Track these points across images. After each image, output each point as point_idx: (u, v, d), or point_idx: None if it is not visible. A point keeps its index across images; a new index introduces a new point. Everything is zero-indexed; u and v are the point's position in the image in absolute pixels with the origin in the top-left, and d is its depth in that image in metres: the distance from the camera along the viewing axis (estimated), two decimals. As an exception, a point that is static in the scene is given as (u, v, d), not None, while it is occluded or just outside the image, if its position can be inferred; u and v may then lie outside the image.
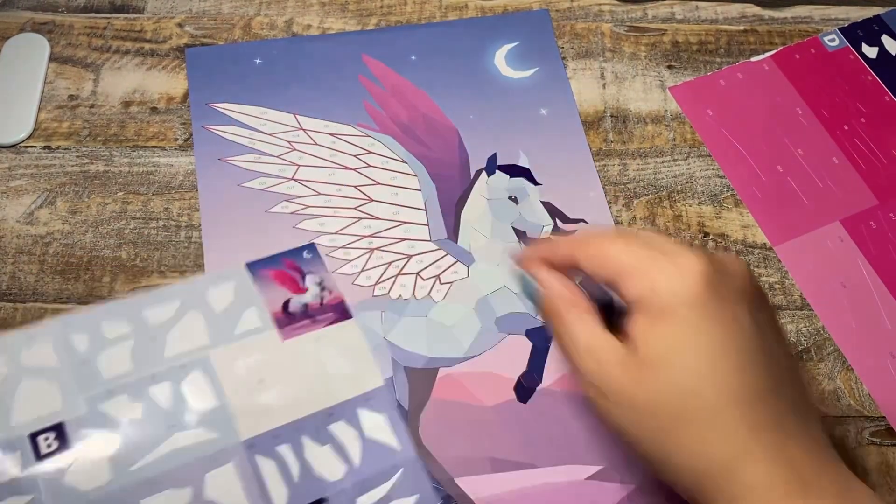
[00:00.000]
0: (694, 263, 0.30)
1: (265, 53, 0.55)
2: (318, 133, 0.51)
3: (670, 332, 0.30)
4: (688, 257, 0.30)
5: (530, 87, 0.54)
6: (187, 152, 0.51)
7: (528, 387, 0.44)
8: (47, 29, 0.56)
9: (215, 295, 0.44)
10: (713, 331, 0.30)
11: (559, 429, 0.43)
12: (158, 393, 0.41)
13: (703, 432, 0.29)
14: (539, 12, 0.57)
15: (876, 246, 0.49)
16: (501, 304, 0.46)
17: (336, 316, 0.45)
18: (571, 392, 0.43)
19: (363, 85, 0.53)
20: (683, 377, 0.29)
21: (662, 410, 0.30)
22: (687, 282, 0.30)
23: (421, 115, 0.52)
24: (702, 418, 0.29)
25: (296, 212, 0.49)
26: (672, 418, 0.30)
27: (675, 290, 0.30)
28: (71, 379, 0.41)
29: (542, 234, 0.48)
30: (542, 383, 0.44)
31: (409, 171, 0.50)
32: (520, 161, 0.51)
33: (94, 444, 0.39)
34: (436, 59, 0.54)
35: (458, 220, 0.49)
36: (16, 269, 0.48)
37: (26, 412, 0.40)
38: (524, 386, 0.44)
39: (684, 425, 0.29)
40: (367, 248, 0.48)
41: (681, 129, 0.53)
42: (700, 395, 0.29)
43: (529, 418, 0.43)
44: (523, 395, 0.44)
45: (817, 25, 0.58)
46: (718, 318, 0.30)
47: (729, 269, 0.31)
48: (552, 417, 0.43)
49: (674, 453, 0.30)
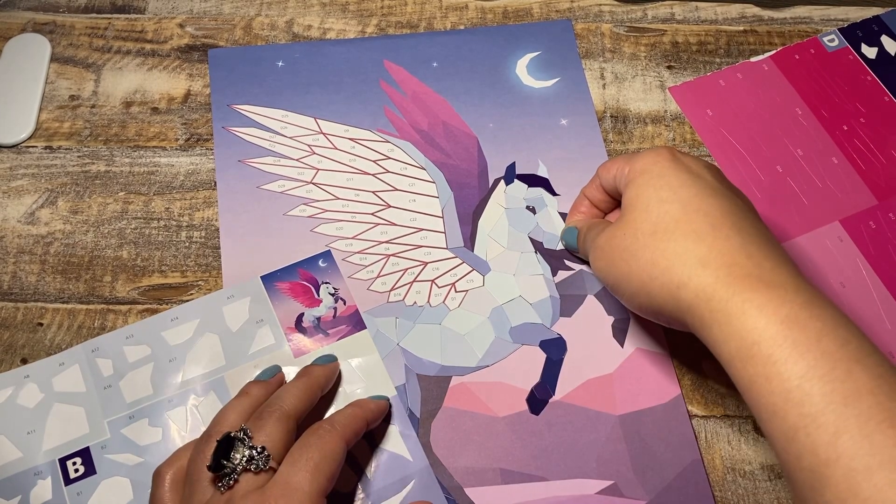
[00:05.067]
0: (661, 148, 0.40)
1: (287, 56, 0.55)
2: (337, 137, 0.52)
3: (642, 182, 0.38)
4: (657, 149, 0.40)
5: (551, 97, 0.54)
6: (188, 152, 0.51)
7: (541, 398, 0.44)
8: (48, 29, 0.56)
9: (231, 312, 0.45)
10: (678, 175, 0.38)
11: (570, 442, 0.43)
12: (176, 416, 0.42)
13: (677, 239, 0.35)
14: (562, 22, 0.57)
15: (875, 246, 0.49)
16: (516, 314, 0.46)
17: (349, 328, 0.45)
18: (584, 406, 0.44)
19: (384, 90, 0.54)
20: (654, 204, 0.37)
21: (641, 231, 0.37)
22: (654, 154, 0.39)
23: (441, 122, 0.52)
24: (672, 229, 0.36)
25: (313, 215, 0.49)
26: (648, 235, 0.36)
27: (645, 161, 0.39)
28: (96, 403, 0.42)
29: (558, 246, 0.48)
30: (555, 396, 0.44)
31: (427, 177, 0.50)
32: (539, 171, 0.51)
33: (117, 467, 0.41)
34: (457, 66, 0.54)
35: (475, 228, 0.49)
36: (17, 268, 0.48)
37: (56, 437, 0.41)
38: (537, 397, 0.44)
39: (660, 237, 0.36)
40: (383, 254, 0.48)
41: (680, 130, 0.53)
42: (668, 213, 0.36)
43: (541, 430, 0.43)
44: (536, 407, 0.44)
45: (817, 26, 0.58)
46: (682, 170, 0.38)
47: (692, 155, 0.40)
48: (564, 430, 0.43)
49: (656, 271, 0.36)
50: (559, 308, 0.46)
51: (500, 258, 0.48)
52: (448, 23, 0.57)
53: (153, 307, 0.46)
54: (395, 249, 0.48)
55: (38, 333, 0.45)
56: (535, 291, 0.47)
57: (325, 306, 0.46)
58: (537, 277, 0.47)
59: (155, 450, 0.41)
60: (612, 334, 0.46)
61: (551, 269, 0.48)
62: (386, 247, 0.48)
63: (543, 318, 0.46)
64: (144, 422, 0.42)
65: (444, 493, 0.41)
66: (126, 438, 0.41)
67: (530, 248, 0.48)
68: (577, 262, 0.48)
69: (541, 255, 0.48)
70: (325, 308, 0.46)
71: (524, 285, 0.47)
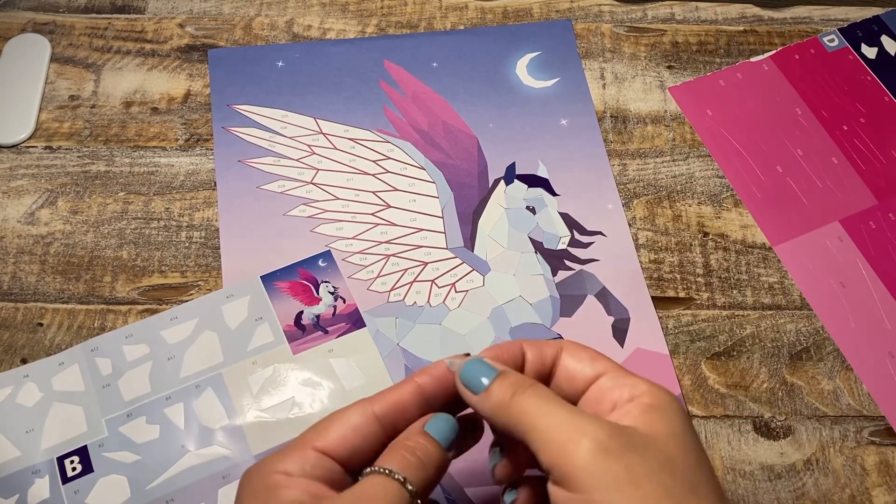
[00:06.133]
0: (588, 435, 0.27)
1: (287, 56, 0.55)
2: (337, 137, 0.52)
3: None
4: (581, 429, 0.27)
5: (551, 97, 0.54)
6: (188, 152, 0.51)
7: None
8: (48, 29, 0.56)
9: (230, 311, 0.45)
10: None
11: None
12: (174, 413, 0.42)
13: None
14: (562, 22, 0.57)
15: (875, 246, 0.49)
16: (516, 314, 0.46)
17: (349, 325, 0.45)
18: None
19: (384, 90, 0.54)
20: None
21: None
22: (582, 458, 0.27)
23: (441, 122, 0.52)
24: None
25: (313, 215, 0.49)
26: None
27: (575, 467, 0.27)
28: (95, 402, 0.43)
29: (558, 245, 0.48)
30: (555, 395, 0.44)
31: (427, 177, 0.50)
32: (539, 171, 0.51)
33: (114, 465, 0.41)
34: (457, 66, 0.54)
35: (475, 228, 0.49)
36: (17, 268, 0.48)
37: (55, 436, 0.42)
38: None
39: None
40: (383, 254, 0.48)
41: (680, 130, 0.53)
42: None
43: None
44: None
45: (817, 26, 0.58)
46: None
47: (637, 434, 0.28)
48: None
49: None
50: (559, 308, 0.46)
51: (500, 258, 0.48)
52: (448, 23, 0.57)
53: (153, 307, 0.46)
54: (395, 249, 0.48)
55: (38, 333, 0.45)
56: (535, 291, 0.47)
57: (324, 304, 0.46)
58: (537, 277, 0.47)
59: (152, 447, 0.41)
60: (612, 334, 0.46)
61: (551, 269, 0.48)
62: (386, 247, 0.48)
63: (543, 318, 0.46)
64: (142, 420, 0.42)
65: (444, 493, 0.41)
66: (123, 436, 0.41)
67: (530, 248, 0.48)
68: (577, 263, 0.48)
69: (541, 255, 0.48)
70: (325, 306, 0.46)
71: (524, 285, 0.47)
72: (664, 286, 0.48)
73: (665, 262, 0.48)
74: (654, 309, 0.47)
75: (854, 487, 0.42)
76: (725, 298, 0.47)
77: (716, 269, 0.48)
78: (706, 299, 0.47)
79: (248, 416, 0.42)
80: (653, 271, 0.48)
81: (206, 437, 0.42)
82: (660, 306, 0.47)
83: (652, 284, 0.48)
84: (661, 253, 0.49)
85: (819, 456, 0.43)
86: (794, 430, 0.44)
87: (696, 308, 0.47)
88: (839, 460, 0.43)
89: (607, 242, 0.49)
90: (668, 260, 0.49)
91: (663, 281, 0.48)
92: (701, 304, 0.47)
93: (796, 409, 0.44)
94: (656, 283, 0.48)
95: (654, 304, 0.47)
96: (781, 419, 0.44)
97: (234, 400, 0.43)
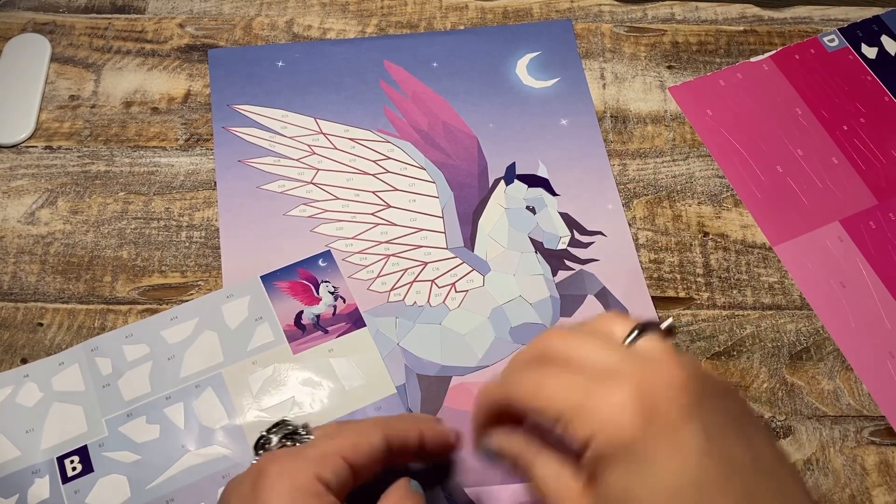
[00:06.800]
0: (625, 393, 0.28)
1: (287, 56, 0.55)
2: (337, 137, 0.52)
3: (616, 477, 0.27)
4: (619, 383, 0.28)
5: (551, 97, 0.54)
6: (188, 152, 0.51)
7: None
8: (48, 29, 0.56)
9: (230, 311, 0.45)
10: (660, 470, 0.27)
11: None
12: (174, 413, 0.42)
13: None
14: (562, 22, 0.57)
15: (875, 246, 0.49)
16: (516, 314, 0.46)
17: (349, 325, 0.45)
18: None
19: (384, 90, 0.54)
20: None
21: None
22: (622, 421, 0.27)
23: (441, 122, 0.52)
24: None
25: (313, 216, 0.49)
26: None
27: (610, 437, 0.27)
28: (95, 402, 0.43)
29: (558, 245, 0.48)
30: (556, 395, 0.44)
31: (427, 177, 0.50)
32: (539, 171, 0.51)
33: (114, 465, 0.41)
34: (457, 66, 0.54)
35: (475, 228, 0.49)
36: (17, 268, 0.48)
37: (55, 436, 0.42)
38: None
39: None
40: (383, 254, 0.48)
41: (680, 130, 0.53)
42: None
43: (542, 430, 0.43)
44: None
45: (817, 26, 0.58)
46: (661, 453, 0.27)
47: (665, 379, 0.28)
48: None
49: None
50: (559, 308, 0.46)
51: (500, 258, 0.48)
52: (448, 23, 0.57)
53: (153, 307, 0.46)
54: (395, 249, 0.48)
55: (38, 333, 0.45)
56: (535, 291, 0.47)
57: (324, 304, 0.46)
58: (537, 277, 0.47)
59: (152, 447, 0.41)
60: (613, 334, 0.46)
61: (551, 269, 0.48)
62: (386, 247, 0.48)
63: (543, 319, 0.46)
64: (142, 419, 0.42)
65: (444, 493, 0.41)
66: (123, 436, 0.41)
67: (530, 248, 0.48)
68: (577, 263, 0.48)
69: (541, 255, 0.48)
70: (325, 306, 0.46)
71: (524, 285, 0.47)
72: (664, 286, 0.48)
73: (665, 262, 0.48)
74: (655, 309, 0.47)
75: (854, 487, 0.42)
76: (725, 298, 0.48)
77: (716, 269, 0.48)
78: (706, 299, 0.47)
79: (249, 416, 0.42)
80: (653, 271, 0.48)
81: (206, 437, 0.42)
82: (660, 306, 0.47)
83: (652, 284, 0.48)
84: (661, 253, 0.49)
85: (819, 456, 0.43)
86: (794, 430, 0.44)
87: (696, 308, 0.47)
88: (839, 460, 0.43)
89: (607, 242, 0.49)
90: (668, 260, 0.49)
91: (663, 281, 0.48)
92: (701, 304, 0.47)
93: (796, 409, 0.44)
94: (656, 282, 0.48)
95: (654, 304, 0.47)
96: (781, 419, 0.44)
97: (234, 400, 0.43)
